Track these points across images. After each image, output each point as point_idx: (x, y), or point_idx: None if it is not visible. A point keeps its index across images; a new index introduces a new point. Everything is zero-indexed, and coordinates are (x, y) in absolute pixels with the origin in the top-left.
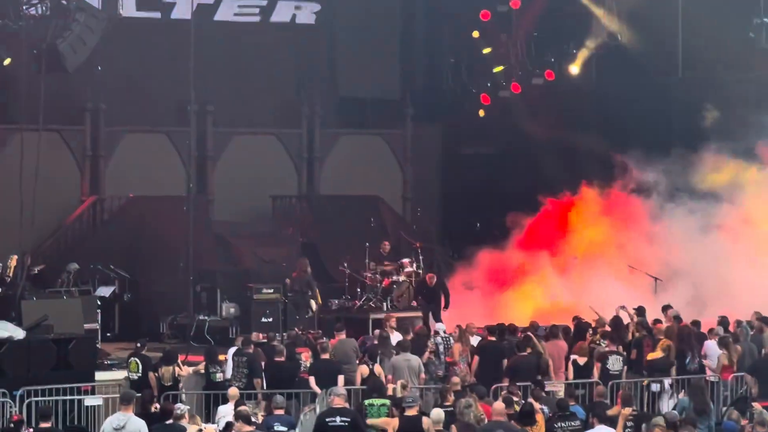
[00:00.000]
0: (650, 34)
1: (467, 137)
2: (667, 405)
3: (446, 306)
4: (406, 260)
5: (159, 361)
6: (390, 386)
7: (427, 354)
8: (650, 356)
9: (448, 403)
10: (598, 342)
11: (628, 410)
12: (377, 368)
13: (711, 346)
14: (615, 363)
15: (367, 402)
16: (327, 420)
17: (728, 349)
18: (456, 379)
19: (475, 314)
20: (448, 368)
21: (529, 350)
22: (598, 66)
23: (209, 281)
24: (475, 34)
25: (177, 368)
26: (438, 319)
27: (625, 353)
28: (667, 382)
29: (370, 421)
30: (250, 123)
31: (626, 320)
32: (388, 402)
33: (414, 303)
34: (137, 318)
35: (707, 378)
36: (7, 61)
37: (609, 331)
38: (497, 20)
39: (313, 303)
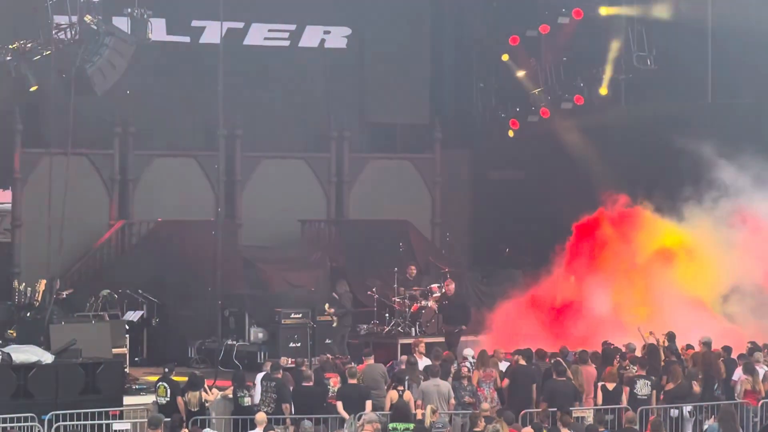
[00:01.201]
0: (679, 60)
1: (496, 162)
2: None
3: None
4: (434, 285)
5: (185, 386)
6: (419, 411)
7: (450, 379)
8: (666, 388)
9: (478, 429)
10: (626, 367)
11: None
12: (407, 394)
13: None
14: (643, 387)
15: (391, 426)
16: None
17: (752, 375)
18: (486, 405)
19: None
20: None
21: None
22: (627, 91)
23: (237, 306)
24: (505, 57)
25: (204, 393)
26: (456, 341)
27: (653, 378)
28: (686, 408)
29: None
30: (278, 147)
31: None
32: (411, 426)
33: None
34: (165, 342)
35: (738, 404)
36: (33, 88)
37: (638, 356)
38: (526, 45)
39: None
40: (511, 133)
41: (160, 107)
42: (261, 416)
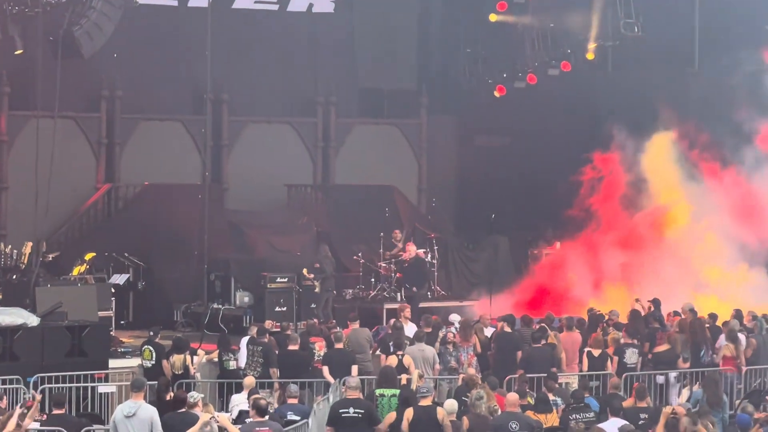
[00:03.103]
0: (666, 26)
1: (483, 128)
2: (677, 397)
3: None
4: (420, 251)
5: (170, 349)
6: (404, 377)
7: (437, 344)
8: (655, 349)
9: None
10: (609, 332)
11: (669, 408)
12: (407, 359)
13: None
14: (631, 356)
15: (378, 392)
16: (341, 411)
17: (734, 343)
18: (472, 370)
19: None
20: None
21: (543, 342)
22: (614, 57)
23: (223, 270)
24: (493, 17)
25: (188, 357)
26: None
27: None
28: (672, 374)
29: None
30: (265, 112)
31: (643, 313)
32: (398, 392)
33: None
34: (151, 306)
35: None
36: (18, 51)
37: (622, 322)
38: (513, 11)
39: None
40: (497, 94)
41: (148, 71)
42: (250, 380)
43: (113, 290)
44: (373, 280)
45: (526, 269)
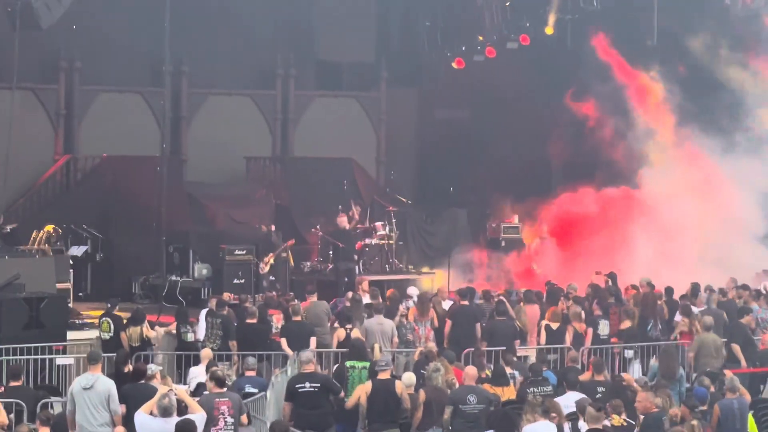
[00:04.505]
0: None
1: (442, 101)
2: (633, 370)
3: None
4: (378, 223)
5: (127, 321)
6: None
7: (397, 318)
8: (621, 326)
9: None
10: (569, 307)
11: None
12: (355, 332)
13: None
14: (604, 328)
15: (348, 364)
16: (297, 386)
17: (689, 317)
18: (431, 344)
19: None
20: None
21: (505, 315)
22: (574, 31)
23: (182, 242)
24: None
25: (145, 329)
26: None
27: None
28: (628, 351)
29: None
30: (224, 84)
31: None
32: (368, 365)
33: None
34: (109, 278)
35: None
36: None
37: (580, 296)
38: None
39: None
40: (455, 66)
41: (106, 42)
42: (207, 352)
43: (71, 262)
44: (331, 252)
45: (484, 242)
